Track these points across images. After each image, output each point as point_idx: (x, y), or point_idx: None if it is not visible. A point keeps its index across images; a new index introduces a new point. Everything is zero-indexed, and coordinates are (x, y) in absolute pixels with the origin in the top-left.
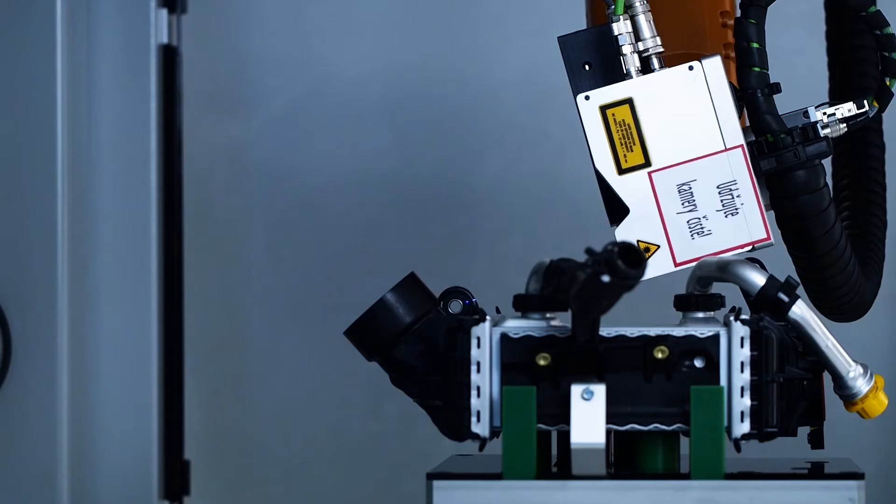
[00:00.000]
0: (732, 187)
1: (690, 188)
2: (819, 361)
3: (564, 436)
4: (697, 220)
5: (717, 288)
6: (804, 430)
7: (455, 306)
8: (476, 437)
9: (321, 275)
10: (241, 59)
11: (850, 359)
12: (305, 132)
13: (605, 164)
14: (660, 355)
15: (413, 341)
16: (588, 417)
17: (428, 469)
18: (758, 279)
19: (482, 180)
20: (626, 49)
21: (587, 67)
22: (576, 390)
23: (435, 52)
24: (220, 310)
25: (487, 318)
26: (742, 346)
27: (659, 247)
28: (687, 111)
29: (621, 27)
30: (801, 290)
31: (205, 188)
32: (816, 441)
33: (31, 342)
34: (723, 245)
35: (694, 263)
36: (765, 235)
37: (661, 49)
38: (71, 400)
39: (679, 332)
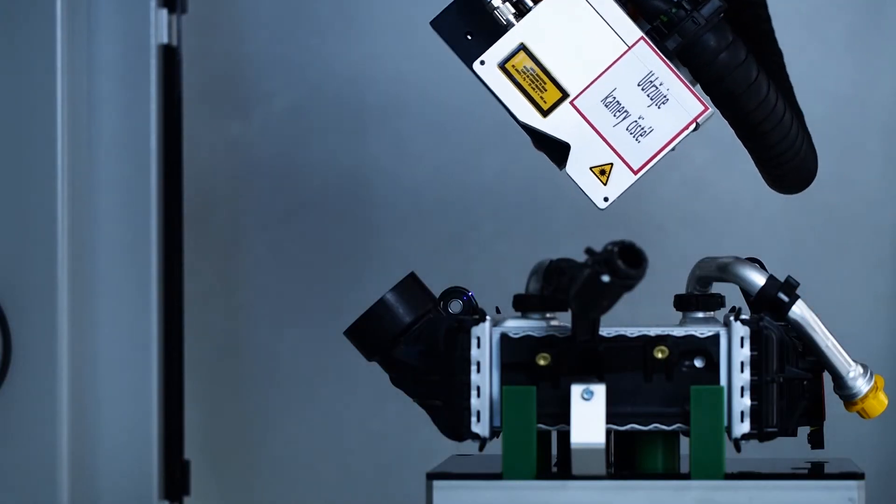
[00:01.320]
0: (652, 79)
1: (615, 97)
2: (819, 361)
3: (564, 436)
4: (635, 122)
5: (717, 288)
6: (804, 430)
7: (455, 306)
8: (476, 437)
9: (321, 275)
10: (241, 59)
11: (850, 359)
12: (305, 132)
13: (527, 114)
14: (660, 355)
15: (413, 341)
16: (588, 417)
17: (428, 469)
18: (758, 279)
19: (482, 180)
20: (496, 2)
21: (469, 38)
22: (576, 390)
23: (435, 52)
24: (220, 310)
25: (487, 317)
26: (742, 346)
27: (612, 164)
28: (578, 30)
29: None
30: (800, 290)
31: (205, 188)
32: (816, 441)
33: (31, 342)
34: (669, 134)
35: (651, 165)
36: (702, 107)
37: None
38: (71, 400)
39: (679, 332)
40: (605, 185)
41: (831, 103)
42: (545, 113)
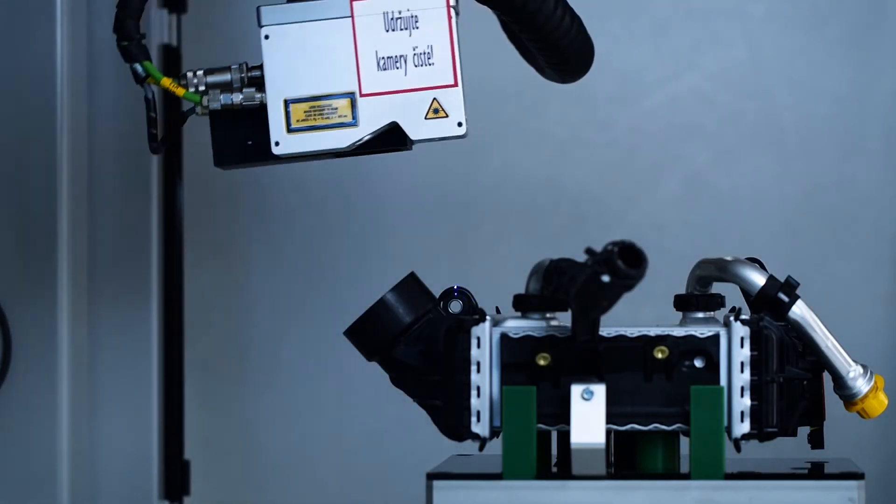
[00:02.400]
0: (389, 15)
1: (383, 57)
2: (819, 361)
3: (564, 436)
4: (415, 56)
5: (717, 288)
6: (804, 430)
7: (455, 306)
8: (476, 437)
9: (321, 275)
10: (241, 59)
11: (850, 359)
12: None
13: (343, 137)
14: (660, 355)
15: (413, 341)
16: (588, 417)
17: (428, 469)
18: (758, 279)
19: (482, 180)
20: (237, 99)
21: (250, 143)
22: (576, 390)
23: None
24: (220, 310)
25: (487, 317)
26: (742, 346)
27: (435, 98)
28: (308, 47)
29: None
30: (800, 290)
31: (205, 188)
32: (816, 441)
33: (31, 342)
34: (445, 37)
35: (460, 66)
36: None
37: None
38: (71, 400)
39: (679, 332)
40: (447, 116)
41: (831, 103)
42: (354, 123)
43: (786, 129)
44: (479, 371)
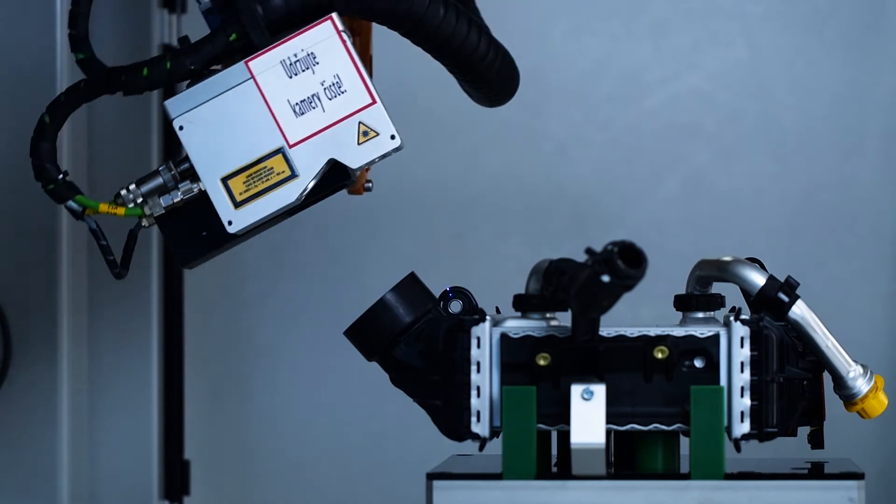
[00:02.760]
0: (288, 62)
1: (297, 102)
2: (819, 361)
3: (564, 436)
4: (327, 90)
5: (717, 288)
6: (804, 430)
7: (455, 306)
8: (476, 437)
9: (321, 275)
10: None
11: (850, 359)
12: None
13: (290, 192)
14: (660, 355)
15: (413, 341)
16: (588, 417)
17: (428, 469)
18: (758, 279)
19: (482, 180)
20: (180, 196)
21: (204, 233)
22: (576, 390)
23: None
24: (220, 310)
25: (487, 317)
26: (742, 346)
27: (360, 122)
28: (223, 119)
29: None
30: (800, 290)
31: None
32: (816, 441)
33: (31, 342)
34: (352, 65)
35: (371, 86)
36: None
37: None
38: (71, 400)
39: (679, 332)
40: (378, 134)
41: (831, 103)
42: (294, 175)
43: (786, 129)
44: (479, 371)
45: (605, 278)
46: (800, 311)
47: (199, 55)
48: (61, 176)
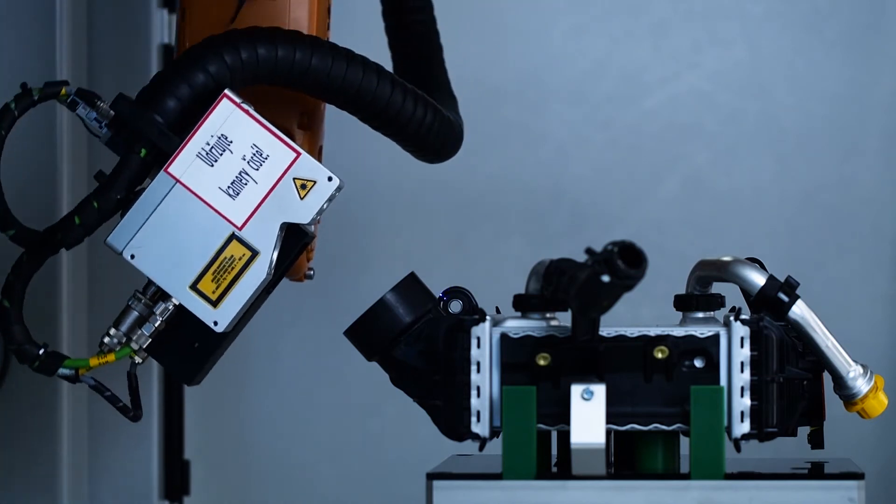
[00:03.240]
0: (208, 149)
1: (230, 185)
2: (819, 361)
3: (564, 436)
4: (258, 167)
5: (717, 288)
6: (804, 430)
7: (455, 306)
8: (476, 437)
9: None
10: None
11: (850, 359)
12: None
13: (258, 272)
14: (660, 355)
15: (413, 341)
16: (588, 417)
17: (428, 469)
18: (758, 279)
19: (482, 180)
20: (159, 318)
21: (197, 344)
22: (576, 390)
23: None
24: None
25: (487, 317)
26: (742, 345)
27: (309, 182)
28: (168, 228)
29: None
30: (800, 290)
31: None
32: (816, 441)
33: None
34: (264, 129)
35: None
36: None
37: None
38: (71, 400)
39: (679, 332)
40: (316, 182)
41: (831, 103)
42: (255, 253)
43: (786, 129)
44: (479, 371)
45: (605, 278)
46: (800, 311)
47: (120, 183)
48: (42, 350)
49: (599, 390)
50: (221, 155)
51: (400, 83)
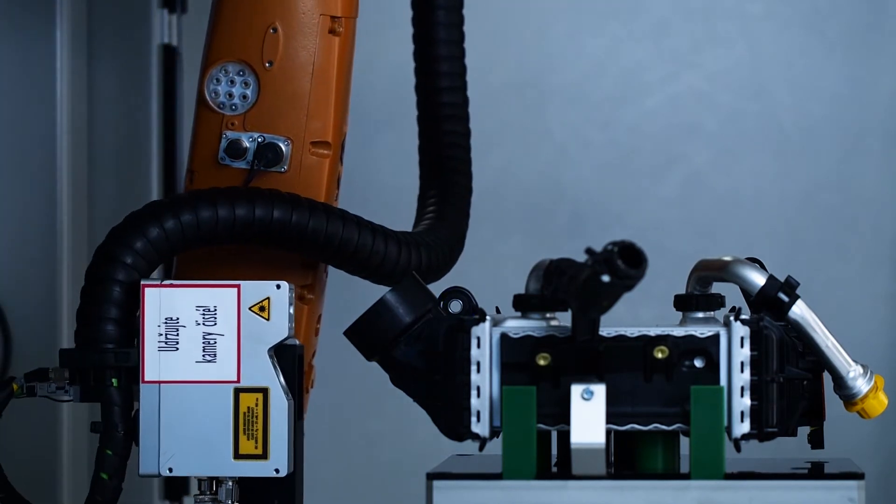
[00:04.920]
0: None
1: (212, 343)
2: (819, 361)
3: (564, 436)
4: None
5: (717, 288)
6: (804, 430)
7: (455, 306)
8: (476, 437)
9: None
10: None
11: (850, 359)
12: None
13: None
14: (660, 355)
15: (413, 341)
16: (588, 417)
17: (428, 469)
18: (758, 279)
19: (482, 180)
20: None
21: None
22: (576, 390)
23: None
24: None
25: (487, 317)
26: (742, 345)
27: (269, 297)
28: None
29: None
30: (800, 290)
31: None
32: (816, 441)
33: (31, 342)
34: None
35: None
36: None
37: None
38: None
39: (679, 332)
40: (270, 309)
41: (831, 103)
42: (267, 394)
43: (786, 129)
44: (479, 371)
45: (605, 278)
46: (800, 310)
47: (115, 421)
48: None
49: (599, 390)
50: (178, 334)
51: (366, 225)
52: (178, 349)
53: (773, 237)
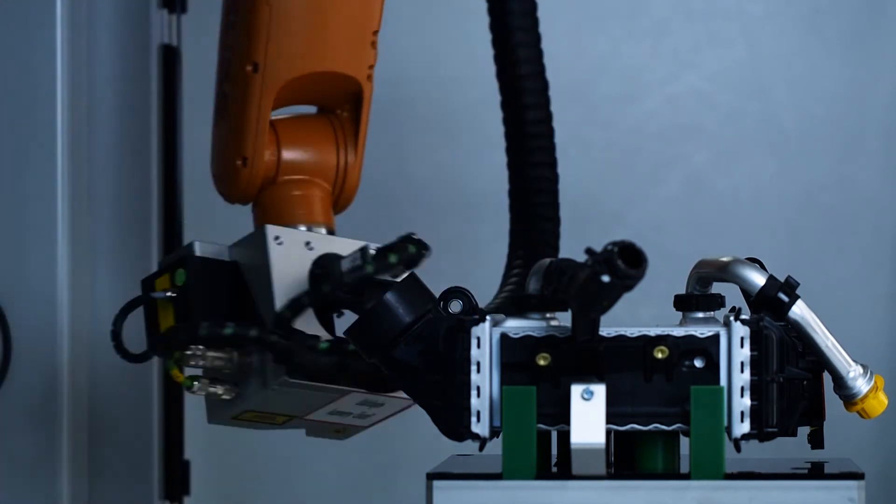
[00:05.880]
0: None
1: None
2: (819, 361)
3: (564, 436)
4: None
5: (717, 288)
6: (804, 430)
7: (455, 306)
8: (476, 437)
9: None
10: None
11: (850, 359)
12: None
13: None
14: (660, 355)
15: (413, 341)
16: (588, 417)
17: (428, 469)
18: (758, 279)
19: (482, 180)
20: None
21: None
22: (576, 390)
23: (435, 52)
24: None
25: (487, 317)
26: (742, 345)
27: None
28: None
29: None
30: (800, 290)
31: (205, 189)
32: (816, 441)
33: (31, 342)
34: None
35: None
36: None
37: None
38: (71, 400)
39: (679, 332)
40: None
41: (831, 103)
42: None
43: (786, 129)
44: (479, 371)
45: (605, 278)
46: (800, 311)
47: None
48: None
49: (599, 390)
50: None
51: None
52: None
53: (773, 237)
